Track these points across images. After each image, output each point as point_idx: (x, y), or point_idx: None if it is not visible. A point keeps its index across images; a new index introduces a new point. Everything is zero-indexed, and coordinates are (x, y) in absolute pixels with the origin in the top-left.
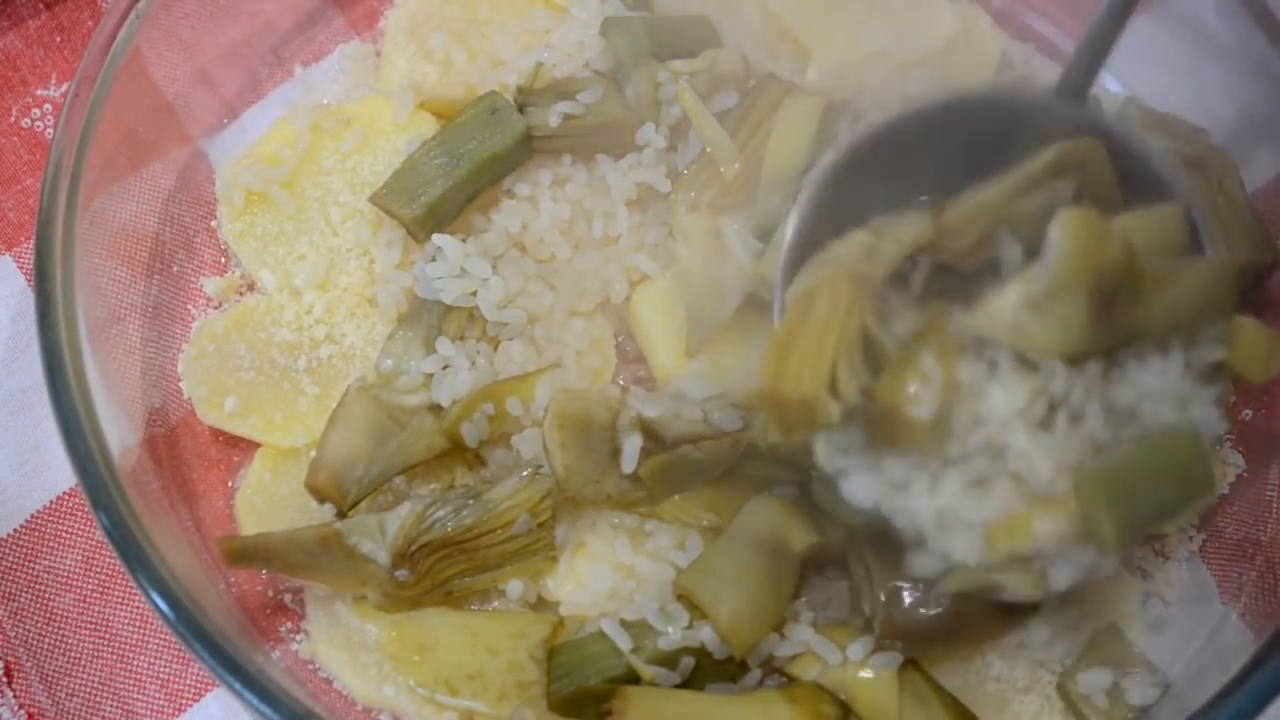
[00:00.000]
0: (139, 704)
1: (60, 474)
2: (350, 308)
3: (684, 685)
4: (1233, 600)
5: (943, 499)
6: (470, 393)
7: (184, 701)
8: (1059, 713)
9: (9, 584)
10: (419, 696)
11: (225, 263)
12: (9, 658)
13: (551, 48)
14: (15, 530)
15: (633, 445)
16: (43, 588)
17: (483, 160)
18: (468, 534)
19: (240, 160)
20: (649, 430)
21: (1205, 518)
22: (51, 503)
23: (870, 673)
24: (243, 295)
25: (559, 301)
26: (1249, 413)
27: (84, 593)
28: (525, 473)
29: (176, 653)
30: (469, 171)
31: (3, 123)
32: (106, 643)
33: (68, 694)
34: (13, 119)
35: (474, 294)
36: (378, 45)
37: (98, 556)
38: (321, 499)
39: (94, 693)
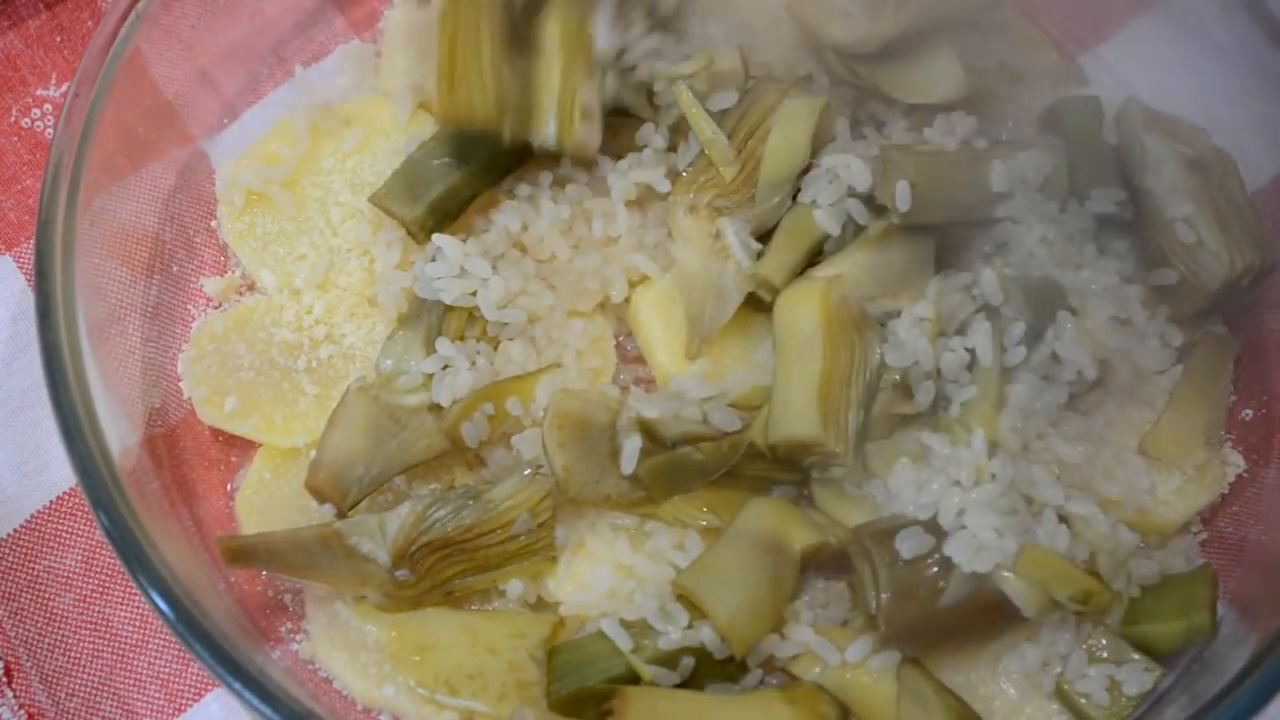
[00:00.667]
0: (139, 704)
1: (60, 474)
2: (350, 308)
3: (684, 685)
4: (1233, 600)
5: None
6: (470, 393)
7: (184, 701)
8: (1061, 712)
9: (9, 584)
10: (419, 696)
11: (225, 263)
12: (9, 658)
13: None
14: (15, 530)
15: (632, 446)
16: (43, 588)
17: (483, 161)
18: (468, 534)
19: (240, 160)
20: (648, 431)
21: (1205, 518)
22: (51, 503)
23: (869, 673)
24: (243, 295)
25: (559, 301)
26: (1249, 413)
27: (84, 593)
28: (526, 472)
29: (176, 653)
30: (469, 172)
31: (3, 123)
32: (106, 643)
33: (68, 694)
34: (13, 119)
35: (474, 294)
36: (378, 45)
37: (98, 556)
38: (321, 499)
39: (94, 693)
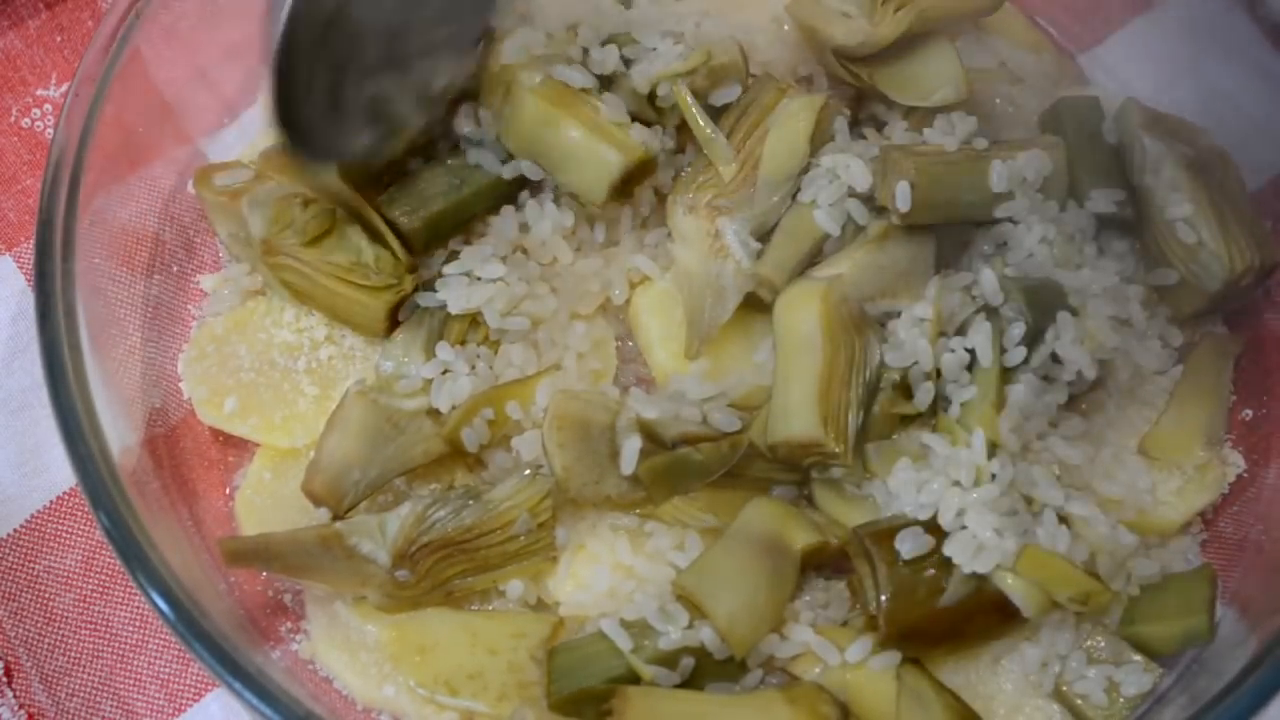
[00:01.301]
0: (139, 704)
1: (60, 474)
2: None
3: (684, 685)
4: (1232, 600)
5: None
6: (470, 398)
7: (184, 701)
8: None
9: (9, 584)
10: (419, 697)
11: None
12: (9, 658)
13: None
14: (15, 530)
15: (631, 446)
16: (43, 588)
17: (484, 185)
18: (468, 534)
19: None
20: (648, 431)
21: (1205, 518)
22: (51, 503)
23: (869, 673)
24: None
25: (561, 305)
26: (1249, 413)
27: (84, 593)
28: (526, 473)
29: (176, 653)
30: (470, 194)
31: (3, 123)
32: (106, 643)
33: (68, 694)
34: (13, 119)
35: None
36: None
37: (98, 556)
38: (317, 504)
39: (94, 693)
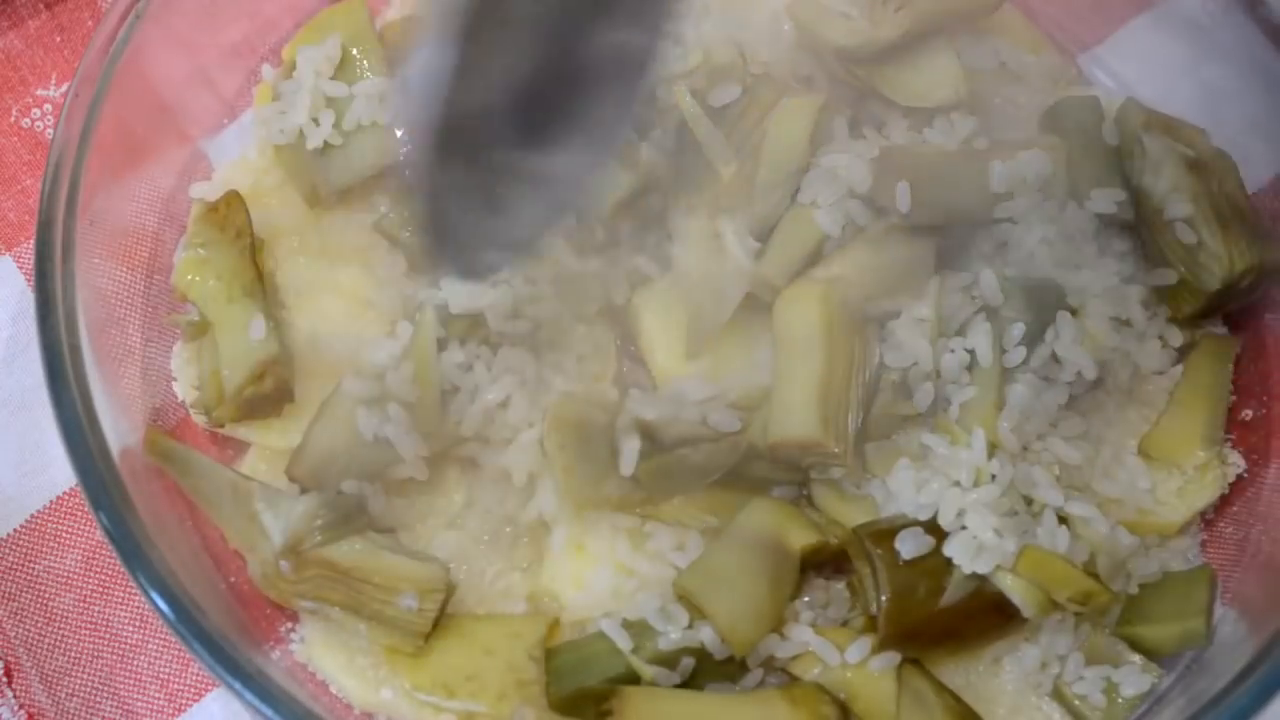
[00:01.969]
0: (139, 704)
1: (60, 474)
2: (349, 309)
3: (684, 685)
4: (1232, 600)
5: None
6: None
7: (184, 701)
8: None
9: (9, 584)
10: (416, 700)
11: None
12: (9, 658)
13: None
14: (15, 530)
15: (631, 447)
16: (43, 588)
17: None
18: (349, 574)
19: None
20: (647, 432)
21: (1206, 518)
22: (51, 503)
23: (869, 673)
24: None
25: (563, 308)
26: (1249, 413)
27: (84, 593)
28: (429, 564)
29: (176, 653)
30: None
31: (3, 123)
32: (106, 643)
33: (68, 694)
34: (13, 119)
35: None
36: None
37: (98, 556)
38: (302, 489)
39: (94, 693)
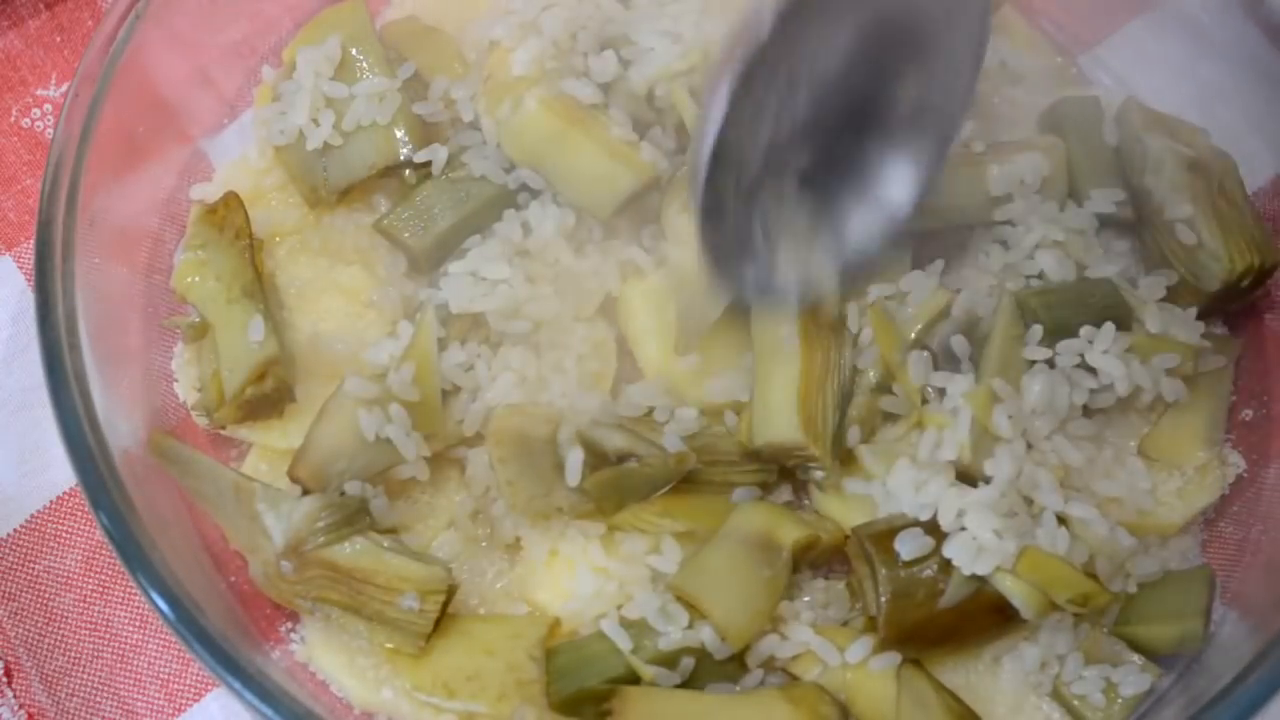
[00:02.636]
0: (139, 704)
1: (60, 474)
2: (350, 309)
3: (684, 685)
4: (1233, 600)
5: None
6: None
7: (184, 701)
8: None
9: (9, 584)
10: (417, 700)
11: None
12: (9, 658)
13: None
14: (15, 530)
15: (574, 458)
16: (43, 588)
17: (490, 197)
18: (352, 574)
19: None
20: (588, 445)
21: (1206, 518)
22: (51, 503)
23: (869, 673)
24: None
25: (563, 307)
26: (1249, 413)
27: (84, 593)
28: (430, 565)
29: (176, 653)
30: (477, 206)
31: (3, 123)
32: (106, 643)
33: (68, 694)
34: (13, 119)
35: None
36: None
37: (98, 556)
38: (304, 490)
39: (94, 693)
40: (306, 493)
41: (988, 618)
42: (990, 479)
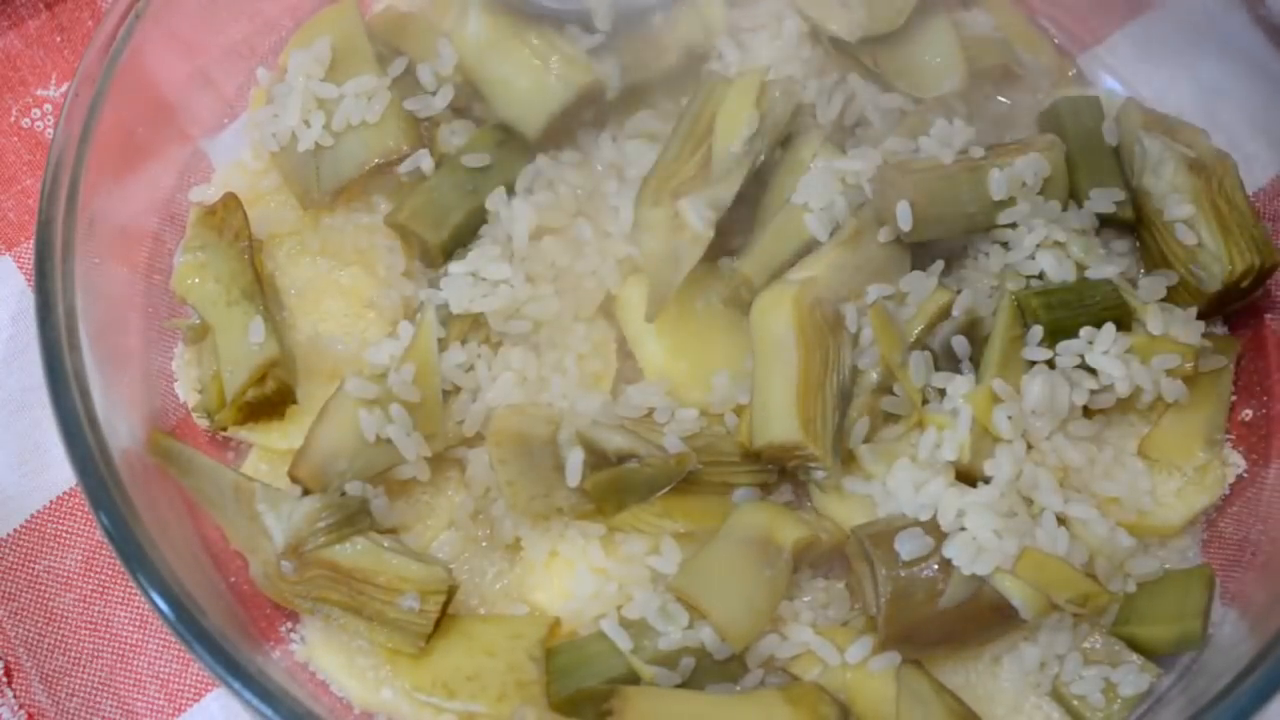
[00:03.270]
0: (139, 704)
1: (60, 474)
2: (350, 309)
3: (684, 685)
4: (1232, 600)
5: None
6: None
7: (184, 701)
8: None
9: (9, 584)
10: (417, 700)
11: None
12: (9, 658)
13: None
14: (15, 530)
15: (574, 459)
16: (43, 588)
17: (494, 185)
18: (352, 574)
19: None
20: (589, 445)
21: (1206, 518)
22: (51, 503)
23: (869, 673)
24: None
25: (563, 307)
26: (1249, 413)
27: (84, 593)
28: (431, 565)
29: (176, 653)
30: (486, 198)
31: (3, 123)
32: (106, 643)
33: (68, 694)
34: (13, 119)
35: (481, 301)
36: None
37: (98, 556)
38: (304, 490)
39: (94, 693)
40: (307, 493)
41: (987, 618)
42: (990, 479)
